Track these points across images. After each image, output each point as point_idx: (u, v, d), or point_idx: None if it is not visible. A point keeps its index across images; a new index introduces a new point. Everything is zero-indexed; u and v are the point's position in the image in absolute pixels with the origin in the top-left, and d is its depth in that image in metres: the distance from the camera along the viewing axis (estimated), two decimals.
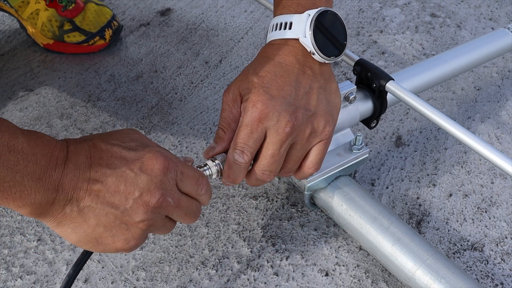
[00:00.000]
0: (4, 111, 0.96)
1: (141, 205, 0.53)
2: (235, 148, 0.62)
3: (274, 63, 0.63)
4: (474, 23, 1.17)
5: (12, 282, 0.72)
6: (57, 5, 1.05)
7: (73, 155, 0.52)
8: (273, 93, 0.61)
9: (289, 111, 0.61)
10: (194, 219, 0.59)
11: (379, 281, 0.72)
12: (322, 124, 0.63)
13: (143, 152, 0.54)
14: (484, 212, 0.81)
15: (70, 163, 0.51)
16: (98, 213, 0.52)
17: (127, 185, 0.52)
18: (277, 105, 0.60)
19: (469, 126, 0.94)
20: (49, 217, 0.52)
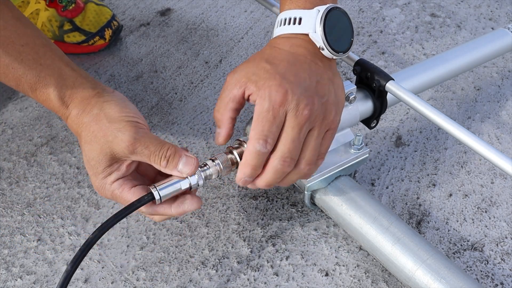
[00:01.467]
0: (4, 111, 0.96)
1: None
2: (258, 137, 0.60)
3: (286, 52, 0.63)
4: (474, 23, 1.17)
5: (12, 282, 0.72)
6: (57, 5, 1.05)
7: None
8: (290, 78, 0.61)
9: (307, 96, 0.60)
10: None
11: (379, 281, 0.72)
12: (333, 112, 0.63)
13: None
14: (484, 212, 0.81)
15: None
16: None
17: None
18: (295, 89, 0.60)
19: (469, 126, 0.94)
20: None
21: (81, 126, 0.64)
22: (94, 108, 0.64)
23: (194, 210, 0.65)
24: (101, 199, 0.82)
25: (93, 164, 0.63)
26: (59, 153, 0.89)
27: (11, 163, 0.87)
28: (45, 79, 0.64)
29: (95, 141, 0.62)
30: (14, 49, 0.64)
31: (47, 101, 0.65)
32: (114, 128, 0.62)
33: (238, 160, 0.68)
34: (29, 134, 0.92)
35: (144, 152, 0.62)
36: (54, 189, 0.83)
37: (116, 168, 0.63)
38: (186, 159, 0.63)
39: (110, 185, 0.64)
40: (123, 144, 0.61)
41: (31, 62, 0.64)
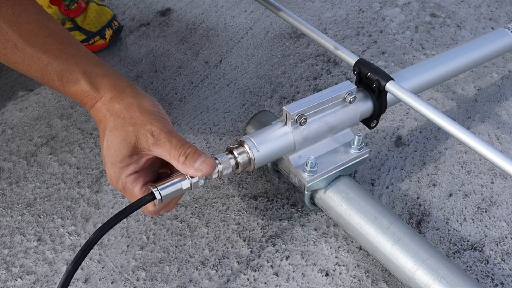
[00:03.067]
0: (4, 111, 0.96)
1: None
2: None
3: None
4: (474, 23, 1.17)
5: (12, 282, 0.72)
6: (60, 3, 1.05)
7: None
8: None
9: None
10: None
11: (379, 281, 0.72)
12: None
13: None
14: (484, 212, 0.81)
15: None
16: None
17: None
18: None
19: (469, 126, 0.94)
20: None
21: (111, 111, 0.64)
22: (129, 98, 0.64)
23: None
24: (101, 199, 0.82)
25: (112, 152, 0.63)
26: (59, 153, 0.89)
27: (11, 163, 0.87)
28: (73, 66, 0.65)
29: (122, 128, 0.63)
30: (38, 40, 0.65)
31: (74, 88, 0.66)
32: (144, 118, 0.63)
33: (238, 160, 0.68)
34: (29, 134, 0.92)
35: (166, 145, 0.62)
36: (54, 189, 0.83)
37: (134, 161, 0.64)
38: (204, 159, 0.63)
39: (125, 178, 0.64)
40: (149, 134, 0.62)
41: (57, 51, 0.65)
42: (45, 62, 0.65)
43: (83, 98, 0.66)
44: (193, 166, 0.62)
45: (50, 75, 0.65)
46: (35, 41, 0.65)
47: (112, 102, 0.65)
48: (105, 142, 0.64)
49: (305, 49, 1.10)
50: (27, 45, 0.64)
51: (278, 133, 0.70)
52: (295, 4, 1.23)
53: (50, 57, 0.65)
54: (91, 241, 0.60)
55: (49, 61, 0.65)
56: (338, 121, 0.74)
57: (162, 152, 0.63)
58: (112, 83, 0.66)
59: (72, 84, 0.66)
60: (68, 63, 0.65)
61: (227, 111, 0.96)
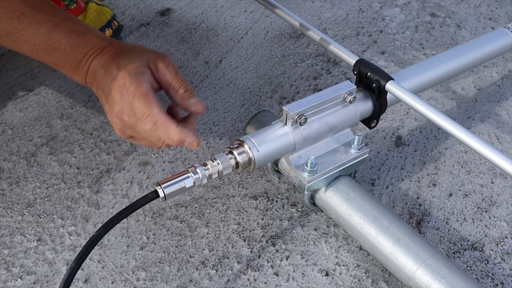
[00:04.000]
0: (4, 111, 0.96)
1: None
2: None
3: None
4: (474, 23, 1.17)
5: (12, 282, 0.72)
6: (60, 3, 1.05)
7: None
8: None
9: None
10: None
11: (379, 281, 0.72)
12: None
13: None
14: (484, 212, 0.81)
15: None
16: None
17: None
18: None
19: (469, 126, 0.94)
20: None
21: (122, 47, 0.69)
22: (132, 45, 0.72)
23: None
24: (101, 199, 0.82)
25: (132, 61, 0.66)
26: (59, 153, 0.89)
27: (11, 163, 0.87)
28: (81, 27, 0.71)
29: (137, 50, 0.69)
30: (44, 8, 0.70)
31: (83, 41, 0.69)
32: (152, 51, 0.70)
33: (238, 160, 0.68)
34: (29, 134, 0.92)
35: (172, 72, 0.68)
36: (54, 189, 0.83)
37: (148, 74, 0.67)
38: (200, 99, 0.69)
39: (144, 82, 0.66)
40: (161, 58, 0.68)
41: (64, 15, 0.71)
42: (54, 23, 0.69)
43: (90, 49, 0.69)
44: (189, 100, 0.68)
45: (58, 34, 0.69)
46: (42, 8, 0.69)
47: (122, 44, 0.71)
48: (122, 60, 0.67)
49: (305, 49, 1.10)
50: (35, 11, 0.68)
51: (278, 133, 0.70)
52: (295, 4, 1.23)
53: (59, 18, 0.69)
54: (95, 239, 0.60)
55: (59, 21, 0.69)
56: (338, 121, 0.74)
57: (164, 77, 0.68)
58: (117, 43, 0.72)
59: (81, 39, 0.69)
60: (76, 25, 0.70)
61: (227, 111, 0.96)
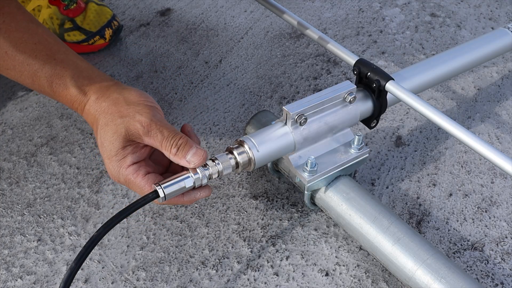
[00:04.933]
0: (4, 111, 0.96)
1: None
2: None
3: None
4: (474, 22, 1.17)
5: (12, 283, 0.72)
6: (60, 3, 1.05)
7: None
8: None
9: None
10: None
11: (379, 281, 0.72)
12: None
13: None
14: (484, 212, 0.81)
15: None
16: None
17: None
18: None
19: (469, 125, 0.94)
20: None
21: (99, 110, 0.65)
22: (114, 93, 0.66)
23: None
24: (101, 199, 0.82)
25: (106, 146, 0.64)
26: (59, 153, 0.89)
27: (11, 163, 0.87)
28: (61, 71, 0.67)
29: (111, 123, 0.64)
30: (27, 47, 0.67)
31: (63, 92, 0.67)
32: (132, 110, 0.64)
33: (238, 160, 0.68)
34: (29, 134, 0.92)
35: (158, 136, 0.63)
36: (54, 189, 0.83)
37: (130, 151, 0.64)
38: (196, 151, 0.64)
39: (125, 169, 0.64)
40: (139, 125, 0.63)
41: (46, 57, 0.67)
42: (35, 68, 0.67)
43: (73, 103, 0.68)
44: (184, 158, 0.64)
45: (40, 80, 0.67)
46: (25, 48, 0.67)
47: (98, 102, 0.66)
48: (99, 140, 0.65)
49: (305, 49, 1.10)
50: (17, 51, 0.66)
51: (278, 133, 0.70)
52: (295, 4, 1.23)
53: (39, 63, 0.67)
54: (95, 238, 0.60)
55: (39, 67, 0.67)
56: (338, 121, 0.74)
57: (154, 143, 0.64)
58: (97, 85, 0.67)
59: (61, 90, 0.67)
60: (57, 69, 0.67)
61: (227, 111, 0.96)
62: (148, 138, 0.63)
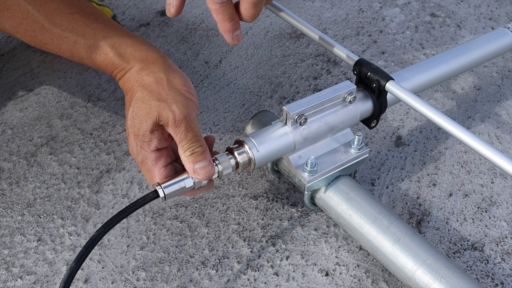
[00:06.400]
0: (4, 111, 0.96)
1: None
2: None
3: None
4: (474, 22, 1.17)
5: (12, 283, 0.72)
6: None
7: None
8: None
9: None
10: None
11: (379, 281, 0.72)
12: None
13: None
14: (484, 212, 0.81)
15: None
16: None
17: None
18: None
19: (469, 125, 0.94)
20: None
21: (140, 82, 0.64)
22: (160, 71, 0.64)
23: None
24: (101, 199, 0.82)
25: (136, 123, 0.63)
26: (59, 153, 0.89)
27: (11, 163, 0.87)
28: (101, 41, 0.65)
29: (148, 101, 0.62)
30: (64, 19, 0.65)
31: (104, 60, 0.66)
32: (171, 96, 0.62)
33: (238, 160, 0.68)
34: (29, 134, 0.92)
35: (182, 135, 0.62)
36: (54, 189, 0.83)
37: (156, 136, 0.63)
38: (206, 164, 0.63)
39: (147, 153, 0.64)
40: (171, 115, 0.61)
41: (83, 27, 0.66)
42: (72, 40, 0.66)
43: (113, 70, 0.66)
44: (192, 165, 0.63)
45: (79, 52, 0.66)
46: (61, 20, 0.65)
47: (141, 73, 0.64)
48: (130, 113, 0.64)
49: (305, 49, 1.10)
50: (53, 25, 0.65)
51: (278, 133, 0.70)
52: (295, 4, 1.23)
53: (77, 34, 0.65)
54: (95, 238, 0.60)
55: (77, 39, 0.65)
56: (338, 121, 0.74)
57: (175, 137, 0.63)
58: (142, 54, 0.65)
59: (102, 58, 0.66)
60: (95, 39, 0.65)
61: (227, 111, 0.96)
62: (173, 130, 0.62)
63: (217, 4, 0.61)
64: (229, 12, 0.62)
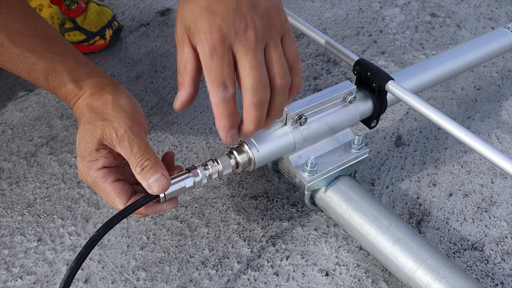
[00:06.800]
0: (4, 111, 0.96)
1: None
2: (216, 85, 0.57)
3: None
4: (474, 22, 1.17)
5: (12, 283, 0.72)
6: (61, 3, 1.05)
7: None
8: (217, 10, 0.56)
9: (241, 18, 0.56)
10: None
11: (379, 281, 0.72)
12: (277, 16, 0.59)
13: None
14: (484, 212, 0.81)
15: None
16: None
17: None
18: (227, 18, 0.56)
19: (469, 125, 0.94)
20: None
21: (90, 106, 0.64)
22: (107, 94, 0.65)
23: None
24: (101, 199, 0.82)
25: (82, 145, 0.63)
26: (59, 153, 0.89)
27: (11, 163, 0.87)
28: (58, 65, 0.66)
29: (92, 122, 0.63)
30: (24, 40, 0.66)
31: (59, 86, 0.66)
32: (115, 115, 0.62)
33: (238, 160, 0.68)
34: (29, 134, 0.92)
35: (127, 150, 0.61)
36: (54, 189, 0.83)
37: (103, 155, 0.63)
38: (159, 177, 0.61)
39: (95, 172, 0.63)
40: (113, 132, 0.61)
41: (43, 50, 0.66)
42: (31, 61, 0.66)
43: (67, 96, 0.67)
44: (146, 180, 0.61)
45: (36, 74, 0.66)
46: (22, 41, 0.65)
47: (91, 98, 0.65)
48: (77, 136, 0.64)
49: (305, 49, 1.10)
50: (13, 44, 0.65)
51: (278, 133, 0.70)
52: (295, 4, 1.23)
53: (36, 56, 0.66)
54: (95, 239, 0.60)
55: (35, 60, 0.66)
56: (338, 121, 0.74)
57: (124, 155, 0.62)
58: (95, 81, 0.66)
59: (57, 83, 0.66)
60: (53, 62, 0.66)
61: None
62: (119, 148, 0.61)
63: (219, 98, 0.58)
64: (229, 109, 0.59)
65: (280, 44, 0.60)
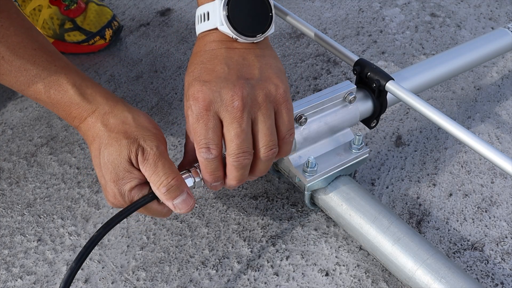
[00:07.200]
0: (4, 111, 0.96)
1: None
2: (199, 147, 0.60)
3: (203, 52, 0.62)
4: (474, 22, 1.17)
5: (12, 283, 0.72)
6: (60, 4, 1.05)
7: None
8: (205, 78, 0.59)
9: (229, 87, 0.59)
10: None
11: (379, 281, 0.72)
12: (273, 87, 0.61)
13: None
14: (484, 212, 0.81)
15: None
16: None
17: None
18: (213, 87, 0.59)
19: (469, 125, 0.94)
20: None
21: (107, 127, 0.62)
22: (124, 111, 0.63)
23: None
24: (101, 199, 0.82)
25: (110, 169, 0.61)
26: (59, 153, 0.89)
27: (11, 163, 0.87)
28: (62, 78, 0.64)
29: (116, 143, 0.61)
30: (26, 52, 0.63)
31: (62, 99, 0.64)
32: (139, 133, 0.61)
33: None
34: (29, 134, 0.92)
35: (151, 168, 0.60)
36: (54, 189, 0.83)
37: (136, 175, 0.61)
38: (185, 198, 0.61)
39: (130, 192, 0.62)
40: (140, 150, 0.60)
41: (45, 63, 0.64)
42: (33, 73, 0.63)
43: (72, 110, 0.64)
44: (171, 201, 0.61)
45: (37, 86, 0.64)
46: (24, 53, 0.63)
47: (106, 117, 0.63)
48: (101, 160, 0.61)
49: (305, 49, 1.10)
50: (15, 56, 0.63)
51: None
52: (295, 4, 1.23)
53: (39, 68, 0.63)
54: (95, 239, 0.60)
55: (38, 72, 0.63)
56: (338, 121, 0.74)
57: (145, 173, 0.61)
58: (104, 96, 0.64)
59: (60, 96, 0.64)
60: (57, 75, 0.64)
61: None
62: (142, 166, 0.61)
63: (203, 158, 0.61)
64: (212, 167, 0.62)
65: (272, 115, 0.61)
